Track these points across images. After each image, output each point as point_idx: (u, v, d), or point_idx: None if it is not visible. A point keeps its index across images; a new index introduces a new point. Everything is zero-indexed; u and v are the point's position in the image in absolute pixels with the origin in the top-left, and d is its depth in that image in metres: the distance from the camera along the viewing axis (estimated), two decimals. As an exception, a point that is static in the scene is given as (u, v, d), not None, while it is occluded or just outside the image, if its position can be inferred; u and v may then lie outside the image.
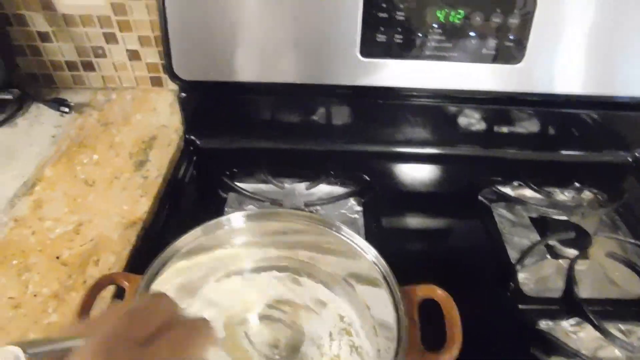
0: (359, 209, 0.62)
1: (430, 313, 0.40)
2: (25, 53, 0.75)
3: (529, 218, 0.61)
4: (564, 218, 0.60)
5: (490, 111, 0.68)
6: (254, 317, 0.47)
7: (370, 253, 0.43)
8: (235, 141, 0.71)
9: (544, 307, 0.50)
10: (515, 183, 0.66)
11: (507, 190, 0.65)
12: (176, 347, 0.27)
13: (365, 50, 0.61)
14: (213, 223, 0.46)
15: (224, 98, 0.68)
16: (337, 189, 0.64)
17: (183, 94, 0.67)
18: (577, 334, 0.47)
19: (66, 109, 0.73)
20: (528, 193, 0.65)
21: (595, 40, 0.60)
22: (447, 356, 0.36)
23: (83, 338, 0.24)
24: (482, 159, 0.71)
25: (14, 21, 0.72)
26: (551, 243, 0.57)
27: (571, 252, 0.55)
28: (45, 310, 0.46)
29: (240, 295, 0.48)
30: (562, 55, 0.61)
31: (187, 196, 0.65)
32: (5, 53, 0.71)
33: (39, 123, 0.72)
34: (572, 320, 0.48)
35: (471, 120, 0.69)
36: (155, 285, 0.41)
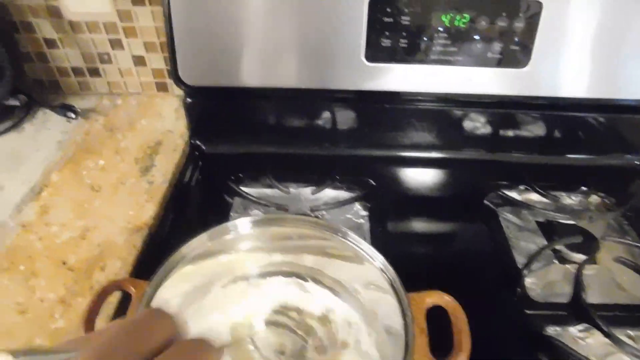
0: (365, 213, 0.62)
1: (438, 319, 0.40)
2: (32, 59, 0.76)
3: (536, 222, 0.61)
4: (571, 222, 0.60)
5: (495, 115, 0.68)
6: (260, 323, 0.46)
7: (377, 260, 0.42)
8: (241, 146, 0.71)
9: (552, 313, 0.49)
10: (521, 187, 0.65)
11: (514, 194, 0.64)
12: None
13: (370, 54, 0.61)
14: (219, 228, 0.46)
15: (229, 103, 0.68)
16: (343, 194, 0.64)
17: (188, 99, 0.68)
18: (586, 340, 0.47)
19: (72, 115, 0.73)
20: (534, 197, 0.65)
21: (601, 44, 0.59)
22: (455, 363, 0.36)
23: (76, 352, 0.23)
24: (488, 163, 0.71)
25: (21, 28, 0.73)
26: (558, 248, 0.56)
27: (579, 257, 0.55)
28: (52, 316, 0.46)
29: (246, 301, 0.48)
30: (568, 58, 0.61)
31: (193, 201, 0.65)
32: (12, 60, 0.71)
33: (46, 129, 0.72)
34: (580, 326, 0.48)
35: (477, 124, 0.69)
36: (161, 291, 0.41)
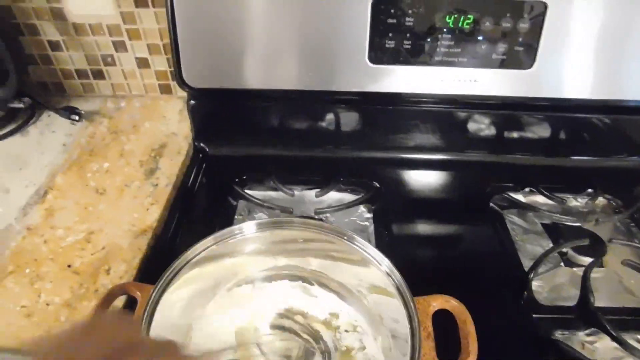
0: (369, 216, 0.62)
1: (444, 323, 0.39)
2: (36, 62, 0.76)
3: (542, 225, 0.61)
4: (578, 225, 0.60)
5: (500, 116, 0.67)
6: (266, 327, 0.46)
7: (383, 264, 0.42)
8: (245, 148, 0.71)
9: (559, 317, 0.49)
10: (526, 189, 0.65)
11: (519, 196, 0.64)
12: None
13: (374, 56, 0.61)
14: (224, 232, 0.46)
15: (233, 105, 0.68)
16: (347, 196, 0.64)
17: (192, 102, 0.68)
18: (594, 345, 0.46)
19: (77, 117, 0.73)
20: (540, 199, 0.64)
21: (606, 45, 0.59)
22: (462, 368, 0.36)
23: (32, 354, 0.23)
24: (493, 164, 0.70)
25: (26, 31, 0.73)
26: (565, 250, 0.56)
27: (585, 260, 0.54)
28: (58, 319, 0.46)
29: (251, 304, 0.48)
30: (573, 60, 0.60)
31: (197, 204, 0.65)
32: (17, 62, 0.71)
33: (50, 131, 0.72)
34: (588, 330, 0.47)
35: (481, 125, 0.68)
36: (167, 295, 0.41)
